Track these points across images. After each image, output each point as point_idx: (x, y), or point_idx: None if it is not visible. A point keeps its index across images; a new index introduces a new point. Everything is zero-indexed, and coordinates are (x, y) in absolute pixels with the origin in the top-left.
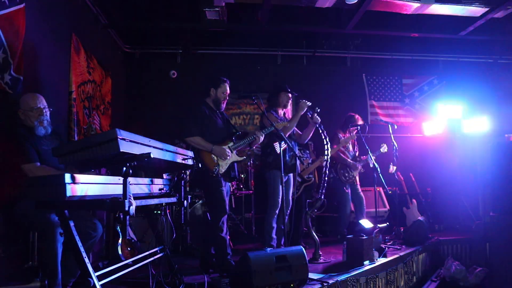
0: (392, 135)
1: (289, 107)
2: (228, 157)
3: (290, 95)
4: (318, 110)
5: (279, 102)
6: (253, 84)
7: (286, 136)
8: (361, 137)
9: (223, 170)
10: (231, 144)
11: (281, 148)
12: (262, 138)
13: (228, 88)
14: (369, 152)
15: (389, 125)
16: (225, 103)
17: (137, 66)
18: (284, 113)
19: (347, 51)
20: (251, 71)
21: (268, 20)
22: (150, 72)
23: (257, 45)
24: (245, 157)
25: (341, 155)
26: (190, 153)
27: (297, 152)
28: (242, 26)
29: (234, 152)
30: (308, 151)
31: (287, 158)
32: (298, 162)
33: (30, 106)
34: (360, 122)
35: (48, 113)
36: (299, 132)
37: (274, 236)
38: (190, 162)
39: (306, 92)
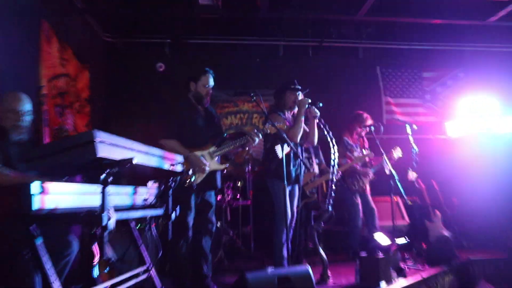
0: (411, 137)
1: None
2: (204, 167)
3: (298, 93)
4: (320, 104)
5: (286, 103)
6: (252, 79)
7: (295, 141)
8: (374, 139)
9: (198, 181)
10: (212, 149)
11: (284, 152)
12: (257, 140)
13: (210, 80)
14: (384, 157)
15: (407, 125)
16: (209, 98)
17: (120, 58)
18: (294, 115)
19: (359, 41)
20: (249, 64)
21: (269, 5)
22: (135, 64)
23: (256, 34)
24: (227, 165)
25: (349, 161)
26: (180, 158)
27: (303, 158)
28: (239, 12)
29: (216, 158)
30: (319, 155)
31: (291, 166)
32: (303, 171)
33: (11, 107)
34: (369, 121)
35: (29, 120)
36: (306, 131)
37: (285, 254)
38: (179, 168)
39: (311, 88)
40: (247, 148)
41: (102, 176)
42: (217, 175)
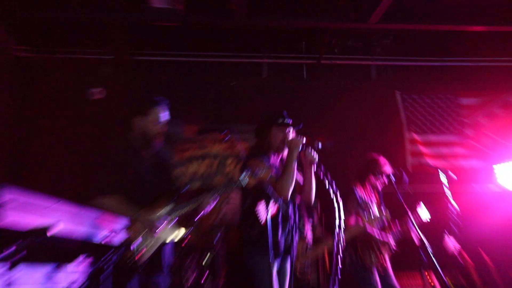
0: (447, 189)
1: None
2: (156, 234)
3: (289, 129)
4: (320, 145)
5: (271, 143)
6: (225, 109)
7: (285, 197)
8: (396, 193)
9: (146, 256)
10: (164, 210)
11: (269, 214)
12: (211, 204)
13: (162, 114)
14: (411, 219)
15: (441, 172)
16: (161, 138)
17: (36, 78)
18: (282, 160)
19: (370, 57)
20: (222, 89)
21: (248, 10)
22: (59, 88)
23: (231, 49)
24: (186, 233)
25: (360, 223)
26: (122, 223)
27: (296, 221)
28: (207, 19)
29: (173, 222)
30: (314, 215)
31: (280, 233)
32: (296, 239)
33: None
34: (388, 168)
35: None
36: (300, 182)
37: None
38: (116, 240)
39: (307, 123)
40: (221, 207)
41: (6, 254)
42: (166, 250)
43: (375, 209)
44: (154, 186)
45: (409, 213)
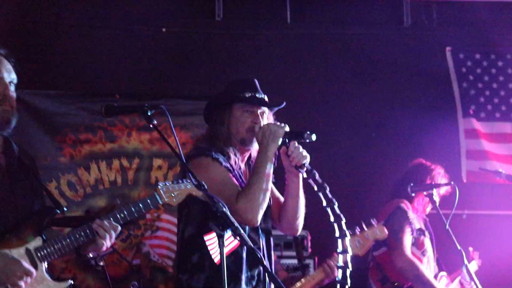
0: None
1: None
2: (20, 282)
3: (262, 109)
4: (313, 137)
5: (232, 132)
6: (151, 74)
7: (252, 223)
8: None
9: None
10: (34, 243)
11: (224, 251)
12: (107, 240)
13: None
14: (466, 266)
15: None
16: (8, 117)
17: None
18: (250, 159)
19: None
20: (147, 43)
21: None
22: None
23: None
24: (70, 282)
25: (416, 263)
26: None
27: (271, 261)
28: None
29: (44, 264)
30: (301, 252)
31: (243, 280)
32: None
33: None
34: (443, 179)
35: None
36: (279, 199)
37: None
38: None
39: (290, 96)
40: (140, 242)
41: None
42: None
43: (428, 245)
44: (9, 206)
45: (463, 256)
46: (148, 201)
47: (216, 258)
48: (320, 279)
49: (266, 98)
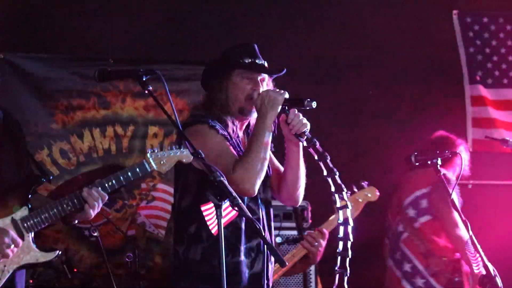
0: None
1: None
2: (7, 251)
3: (262, 76)
4: (313, 104)
5: (230, 99)
6: (147, 44)
7: (250, 193)
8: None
9: None
10: (20, 212)
11: (222, 221)
12: (95, 207)
13: None
14: (470, 234)
15: None
16: None
17: None
18: (248, 127)
19: None
20: (142, 5)
21: None
22: None
23: None
24: (58, 252)
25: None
26: None
27: (271, 232)
28: None
29: (30, 234)
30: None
31: (242, 252)
32: (272, 263)
33: None
34: (463, 151)
35: None
36: (279, 169)
37: None
38: None
39: (295, 65)
40: (136, 211)
41: None
42: (19, 278)
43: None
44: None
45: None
46: (137, 169)
47: (213, 229)
48: (301, 255)
49: (266, 64)
